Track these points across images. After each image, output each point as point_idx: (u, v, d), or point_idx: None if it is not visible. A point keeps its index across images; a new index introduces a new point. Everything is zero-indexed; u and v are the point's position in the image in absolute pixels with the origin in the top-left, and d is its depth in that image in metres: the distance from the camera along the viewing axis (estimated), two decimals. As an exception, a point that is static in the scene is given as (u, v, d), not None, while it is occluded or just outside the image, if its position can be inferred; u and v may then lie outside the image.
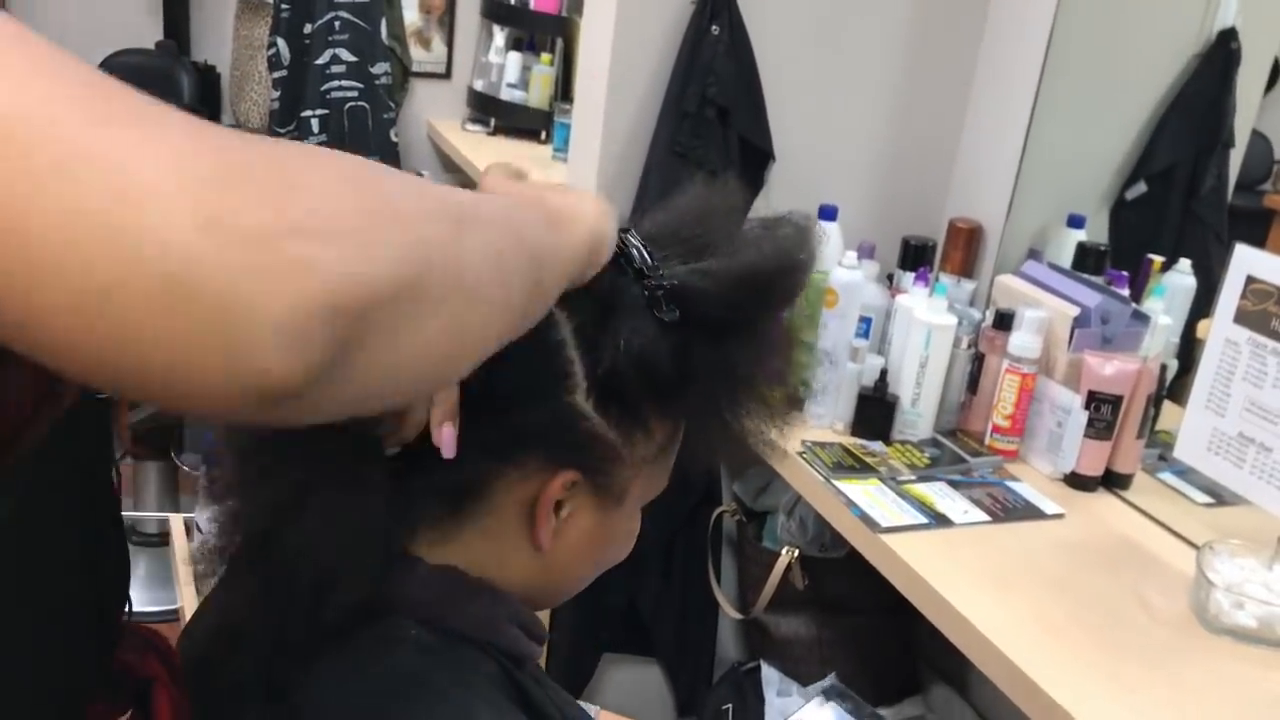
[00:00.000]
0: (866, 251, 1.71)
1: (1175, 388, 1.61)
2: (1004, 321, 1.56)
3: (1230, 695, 1.14)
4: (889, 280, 1.76)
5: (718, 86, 1.66)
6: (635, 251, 0.73)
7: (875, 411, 1.59)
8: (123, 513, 1.93)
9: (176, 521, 1.93)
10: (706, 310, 0.72)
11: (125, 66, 4.66)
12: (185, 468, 2.67)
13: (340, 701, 0.69)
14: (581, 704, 0.96)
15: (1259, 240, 1.72)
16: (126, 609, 0.76)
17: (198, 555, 0.74)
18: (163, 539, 2.81)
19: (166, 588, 2.67)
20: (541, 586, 0.79)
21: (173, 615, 2.54)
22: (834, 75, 1.82)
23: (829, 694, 1.20)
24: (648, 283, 0.72)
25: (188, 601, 1.74)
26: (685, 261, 0.74)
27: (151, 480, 2.73)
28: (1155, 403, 1.53)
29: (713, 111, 1.67)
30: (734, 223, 0.77)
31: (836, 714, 1.18)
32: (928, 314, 1.56)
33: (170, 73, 4.66)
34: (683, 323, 0.72)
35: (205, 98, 4.69)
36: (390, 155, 3.42)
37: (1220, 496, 1.49)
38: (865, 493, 1.45)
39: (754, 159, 1.75)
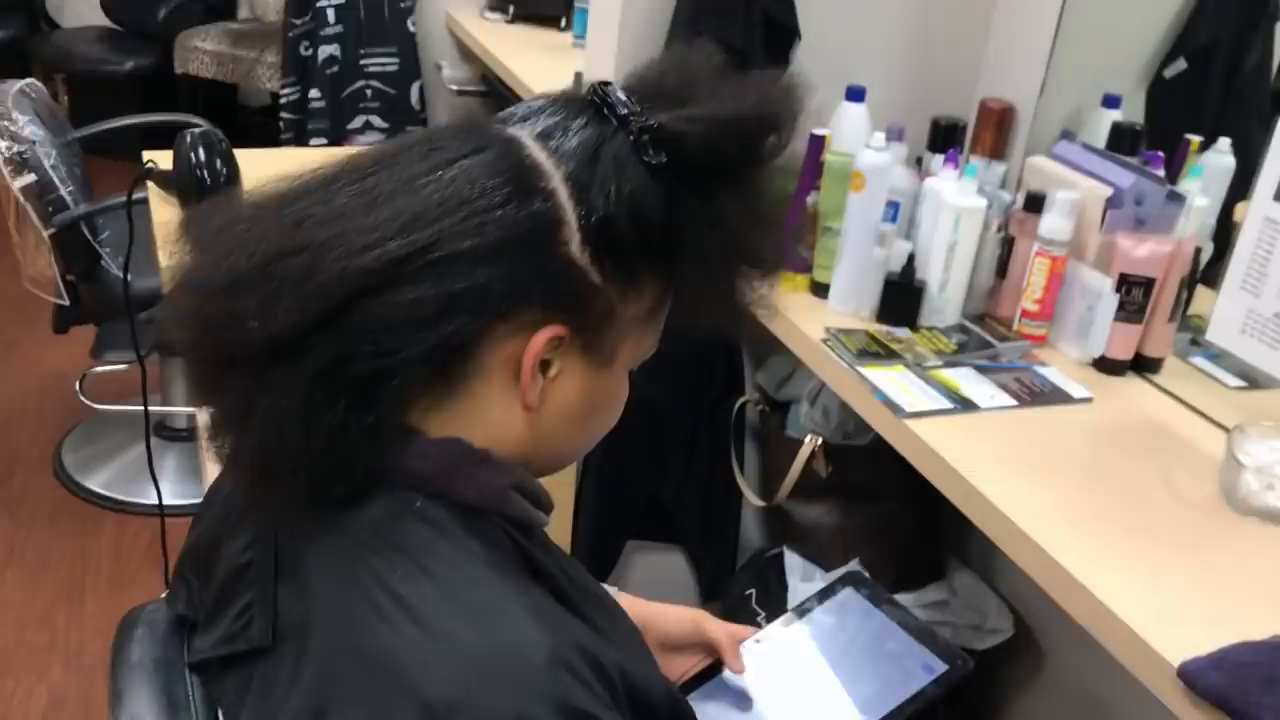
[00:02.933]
0: (895, 134, 1.66)
1: (1209, 272, 1.57)
2: (1034, 204, 1.52)
3: (1258, 575, 1.13)
4: (918, 163, 1.72)
5: (741, -39, 1.60)
6: (617, 100, 0.74)
7: (902, 297, 1.56)
8: (151, 408, 1.95)
9: (204, 416, 1.95)
10: (692, 156, 0.73)
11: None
12: (211, 363, 2.68)
13: (349, 576, 0.69)
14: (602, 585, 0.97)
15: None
16: None
17: (207, 439, 0.74)
18: (191, 434, 2.85)
19: (196, 482, 2.71)
20: (536, 452, 0.78)
21: (203, 507, 2.58)
22: (862, -51, 1.75)
23: (846, 579, 1.20)
24: (632, 127, 0.73)
25: (216, 491, 1.77)
26: (669, 110, 0.74)
27: (178, 376, 2.74)
28: (1188, 286, 1.50)
29: (736, -12, 1.62)
30: (717, 77, 0.77)
31: (855, 600, 1.18)
32: (957, 197, 1.53)
33: (186, -34, 4.59)
34: (670, 169, 0.73)
35: (221, -10, 4.63)
36: (408, 45, 3.36)
37: (1253, 379, 1.46)
38: (890, 379, 1.43)
39: (779, 38, 1.69)
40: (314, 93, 3.30)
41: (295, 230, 0.70)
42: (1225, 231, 1.62)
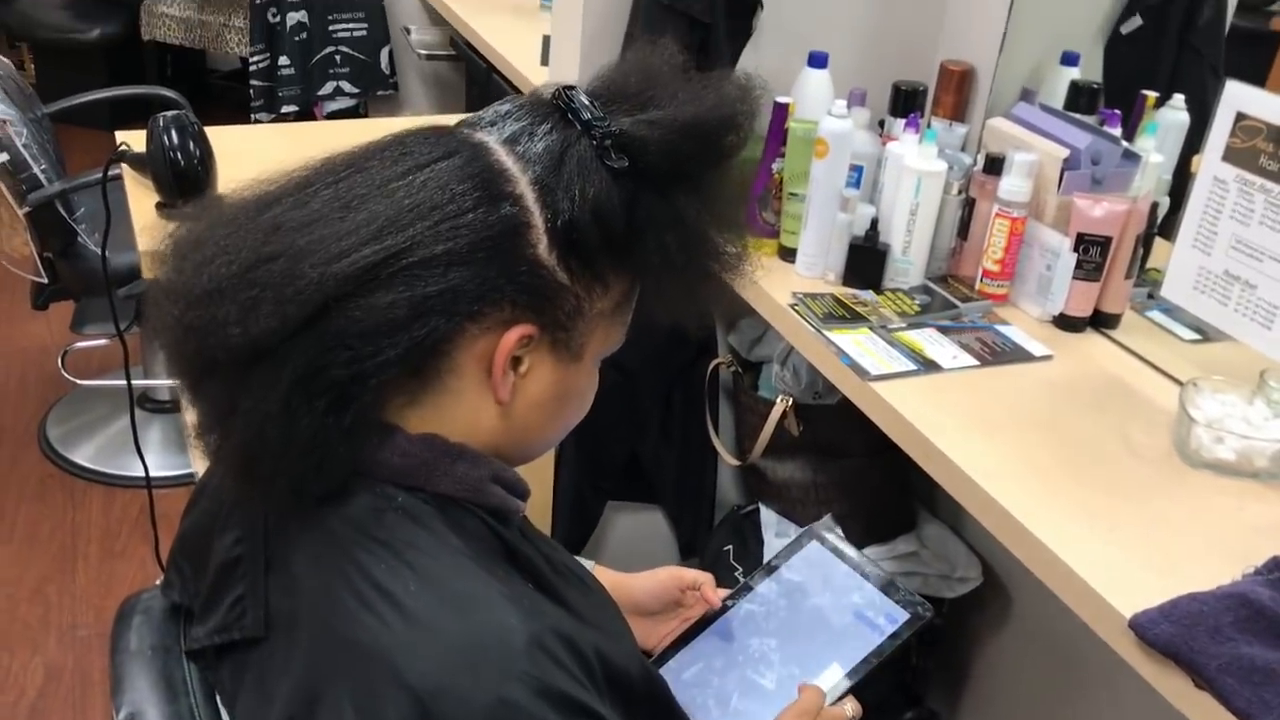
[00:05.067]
0: (857, 99, 1.69)
1: (1167, 225, 1.61)
2: (994, 166, 1.56)
3: (1209, 527, 1.17)
4: (880, 127, 1.75)
5: (701, -67, 1.61)
6: (581, 105, 0.76)
7: (866, 261, 1.60)
8: (134, 381, 1.97)
9: (190, 415, 1.99)
10: (652, 159, 0.76)
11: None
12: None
13: (336, 569, 0.72)
14: (579, 560, 1.01)
15: (1262, 66, 1.69)
16: None
17: (194, 438, 0.77)
18: (175, 405, 2.87)
19: (182, 453, 2.74)
20: (511, 444, 0.82)
21: (189, 479, 2.61)
22: (821, -86, 1.76)
23: (811, 534, 1.25)
24: (595, 132, 0.75)
25: (202, 467, 1.80)
26: (631, 114, 0.77)
27: (153, 350, 2.76)
28: (1145, 242, 1.54)
29: (698, -40, 1.63)
30: (678, 79, 0.80)
31: (820, 554, 1.23)
32: (918, 161, 1.56)
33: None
34: (631, 172, 0.76)
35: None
36: (376, 10, 3.35)
37: (1206, 333, 1.51)
38: (855, 342, 1.47)
39: (742, 7, 1.71)
40: (283, 60, 3.29)
41: (273, 235, 0.73)
42: (1182, 183, 1.66)
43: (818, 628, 1.16)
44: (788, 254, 1.67)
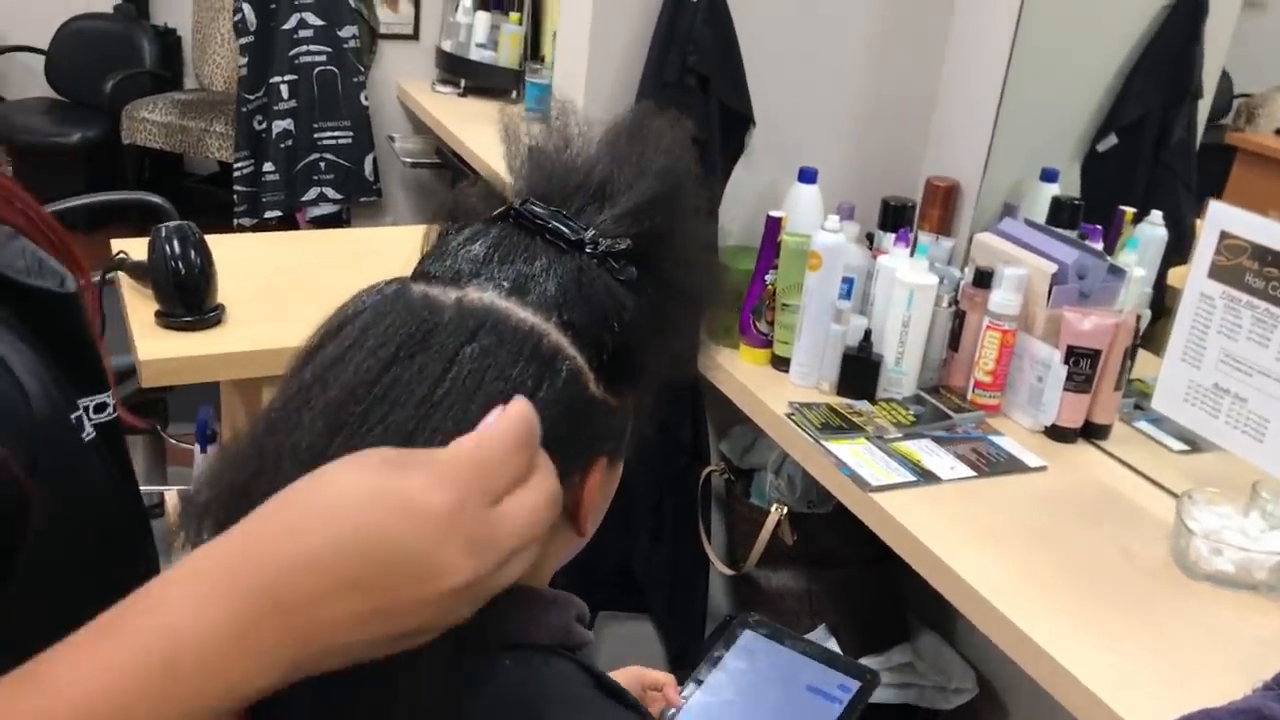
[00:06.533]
0: (846, 212, 1.73)
1: (1149, 335, 1.65)
2: (984, 280, 1.59)
3: (1210, 638, 1.19)
4: (869, 240, 1.79)
5: (698, 55, 1.67)
6: (555, 225, 0.71)
7: (860, 371, 1.62)
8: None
9: (171, 495, 1.96)
10: (644, 251, 0.72)
11: (85, 32, 4.60)
12: (172, 440, 2.68)
13: None
14: None
15: (1220, 177, 1.76)
16: None
17: None
18: (153, 511, 2.83)
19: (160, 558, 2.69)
20: (571, 550, 0.81)
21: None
22: (812, 39, 1.83)
23: (741, 623, 1.26)
24: (600, 253, 0.71)
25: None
26: (600, 209, 0.73)
27: (140, 454, 2.73)
28: (1130, 353, 1.57)
29: (693, 80, 1.68)
30: (610, 147, 0.75)
31: (757, 640, 1.23)
32: (910, 274, 1.59)
33: (131, 36, 4.61)
34: (638, 275, 0.72)
35: (166, 61, 4.65)
36: (361, 119, 3.41)
37: (1195, 443, 1.54)
38: (854, 452, 1.49)
39: (735, 125, 1.76)
40: (268, 166, 3.33)
41: None
42: (1161, 295, 1.71)
43: (778, 710, 1.16)
44: (781, 363, 1.70)
